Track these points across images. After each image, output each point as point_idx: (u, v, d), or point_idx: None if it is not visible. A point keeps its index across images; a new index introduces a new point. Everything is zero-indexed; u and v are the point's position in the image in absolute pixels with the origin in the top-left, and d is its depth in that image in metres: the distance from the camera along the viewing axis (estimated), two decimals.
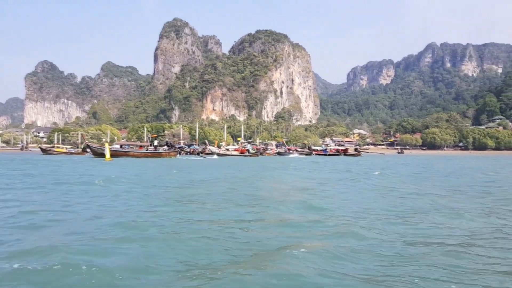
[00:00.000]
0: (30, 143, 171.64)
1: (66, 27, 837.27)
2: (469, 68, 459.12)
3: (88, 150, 73.51)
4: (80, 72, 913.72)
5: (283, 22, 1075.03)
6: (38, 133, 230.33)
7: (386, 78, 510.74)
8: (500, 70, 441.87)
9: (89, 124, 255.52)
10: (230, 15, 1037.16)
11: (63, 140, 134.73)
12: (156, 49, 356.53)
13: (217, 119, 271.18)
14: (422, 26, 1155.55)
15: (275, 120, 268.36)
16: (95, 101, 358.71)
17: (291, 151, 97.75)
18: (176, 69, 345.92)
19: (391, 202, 11.79)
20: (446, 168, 35.40)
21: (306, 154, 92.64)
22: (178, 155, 60.72)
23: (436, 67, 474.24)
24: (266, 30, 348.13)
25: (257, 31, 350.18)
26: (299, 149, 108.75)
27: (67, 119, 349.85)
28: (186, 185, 16.65)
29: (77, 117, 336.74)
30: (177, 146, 66.27)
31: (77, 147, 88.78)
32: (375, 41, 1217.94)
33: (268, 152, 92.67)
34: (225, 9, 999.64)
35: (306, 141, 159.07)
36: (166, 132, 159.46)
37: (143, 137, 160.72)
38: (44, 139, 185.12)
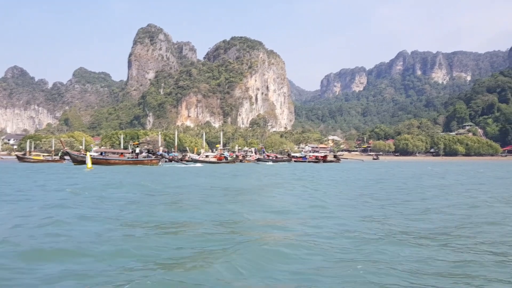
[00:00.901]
0: (0, 150, 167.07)
1: (36, 32, 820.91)
2: (439, 75, 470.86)
3: (66, 157, 72.13)
4: (52, 78, 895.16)
5: (258, 29, 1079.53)
6: (8, 140, 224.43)
7: (358, 85, 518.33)
8: (468, 78, 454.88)
9: (61, 131, 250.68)
10: (205, 22, 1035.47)
11: (34, 148, 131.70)
12: (130, 55, 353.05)
13: (192, 125, 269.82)
14: (392, 35, 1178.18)
15: (251, 127, 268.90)
16: (67, 108, 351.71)
17: (271, 157, 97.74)
18: (151, 75, 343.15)
19: None
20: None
21: (286, 161, 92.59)
22: (160, 163, 60.11)
23: (407, 75, 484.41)
24: (241, 37, 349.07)
25: (232, 38, 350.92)
26: (278, 156, 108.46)
27: (37, 126, 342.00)
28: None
29: (48, 124, 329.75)
30: (157, 154, 65.65)
31: (55, 155, 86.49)
32: (347, 48, 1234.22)
33: (248, 159, 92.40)
34: (199, 15, 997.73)
35: (286, 148, 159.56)
36: (140, 139, 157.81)
37: (117, 144, 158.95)
38: (15, 147, 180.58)
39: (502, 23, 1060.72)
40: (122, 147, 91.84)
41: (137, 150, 58.88)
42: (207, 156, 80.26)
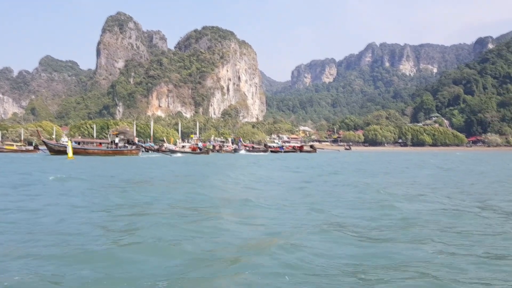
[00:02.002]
0: None
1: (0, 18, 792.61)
2: (407, 67, 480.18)
3: (39, 148, 70.60)
4: (17, 66, 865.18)
5: (229, 19, 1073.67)
6: None
7: (328, 76, 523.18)
8: (435, 70, 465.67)
9: (27, 121, 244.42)
10: (176, 11, 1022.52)
11: (1, 137, 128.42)
12: (99, 43, 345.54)
13: (163, 115, 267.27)
14: (361, 27, 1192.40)
15: (222, 117, 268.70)
16: (33, 97, 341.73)
17: (247, 148, 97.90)
18: (120, 64, 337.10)
19: None
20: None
21: (262, 151, 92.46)
22: (140, 153, 59.66)
23: (375, 66, 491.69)
24: (213, 27, 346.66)
25: (204, 28, 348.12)
26: (255, 146, 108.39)
27: (3, 116, 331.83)
28: None
29: (14, 113, 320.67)
30: (137, 144, 65.03)
31: (29, 144, 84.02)
32: (318, 40, 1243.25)
33: (224, 149, 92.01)
34: (170, 4, 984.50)
35: (262, 139, 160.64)
36: (111, 129, 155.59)
37: (86, 134, 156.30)
38: None
39: (468, 17, 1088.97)
40: (95, 137, 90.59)
41: (116, 140, 58.20)
42: (183, 147, 79.87)
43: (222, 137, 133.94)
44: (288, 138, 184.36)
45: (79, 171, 23.43)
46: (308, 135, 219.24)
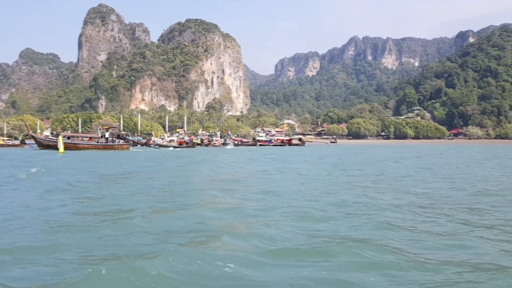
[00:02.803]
0: None
1: None
2: (389, 61, 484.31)
3: (26, 142, 69.77)
4: None
5: (213, 12, 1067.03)
6: None
7: (312, 70, 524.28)
8: (417, 63, 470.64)
9: (8, 114, 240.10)
10: (158, 3, 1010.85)
11: None
12: (80, 35, 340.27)
13: (146, 109, 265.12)
14: (344, 20, 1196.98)
15: (207, 111, 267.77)
16: (14, 90, 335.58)
17: (236, 142, 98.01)
18: (102, 57, 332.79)
19: None
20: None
21: (251, 145, 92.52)
22: (131, 147, 59.43)
23: (358, 60, 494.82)
24: (196, 19, 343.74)
25: (187, 20, 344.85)
26: (243, 140, 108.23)
27: None
28: None
29: None
30: (128, 138, 64.71)
31: (15, 139, 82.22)
32: (301, 33, 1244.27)
33: (213, 143, 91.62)
34: None
35: (250, 133, 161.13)
36: (93, 122, 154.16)
37: (69, 127, 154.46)
38: None
39: (449, 11, 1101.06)
40: (80, 131, 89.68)
41: (107, 135, 57.88)
42: (171, 141, 79.70)
43: (210, 131, 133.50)
44: (276, 131, 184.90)
45: (67, 166, 23.65)
46: (292, 128, 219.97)
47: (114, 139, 58.78)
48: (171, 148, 64.21)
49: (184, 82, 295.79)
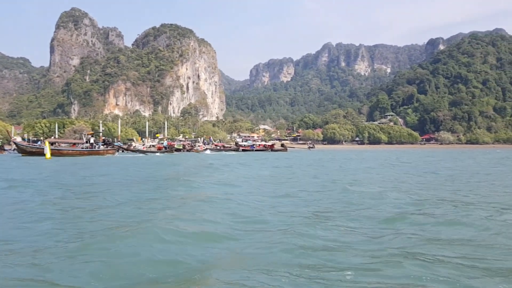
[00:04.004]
0: None
1: None
2: (362, 67, 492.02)
3: (6, 149, 68.18)
4: None
5: (188, 17, 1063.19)
6: None
7: (286, 75, 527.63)
8: (388, 70, 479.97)
9: None
10: (132, 7, 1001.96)
11: None
12: (52, 40, 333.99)
13: (121, 114, 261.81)
14: (318, 27, 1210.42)
15: (182, 116, 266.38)
16: None
17: (218, 147, 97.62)
18: (75, 61, 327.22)
19: None
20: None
21: (233, 150, 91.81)
22: (116, 153, 58.80)
23: (332, 66, 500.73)
24: (171, 24, 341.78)
25: (162, 25, 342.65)
26: (225, 145, 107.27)
27: None
28: None
29: None
30: (114, 144, 63.95)
31: None
32: (275, 39, 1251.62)
33: (196, 148, 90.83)
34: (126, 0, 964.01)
35: (227, 138, 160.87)
36: (67, 128, 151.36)
37: (40, 133, 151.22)
38: None
39: (419, 19, 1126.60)
40: (57, 136, 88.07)
41: (92, 140, 57.11)
42: (150, 146, 79.14)
43: (187, 136, 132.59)
44: (258, 137, 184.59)
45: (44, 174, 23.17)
46: (268, 133, 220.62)
47: (100, 144, 58.06)
48: (158, 154, 63.66)
49: (159, 87, 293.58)
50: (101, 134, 69.38)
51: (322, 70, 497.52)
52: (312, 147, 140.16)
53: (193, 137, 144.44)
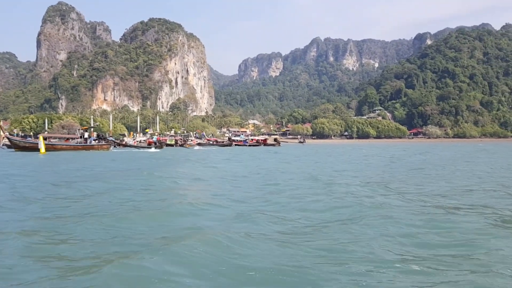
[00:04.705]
0: None
1: None
2: (350, 62, 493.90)
3: None
4: None
5: (176, 11, 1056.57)
6: None
7: (275, 70, 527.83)
8: (376, 65, 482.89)
9: None
10: (120, 1, 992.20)
11: None
12: (39, 34, 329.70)
13: (109, 109, 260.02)
14: (307, 22, 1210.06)
15: (171, 111, 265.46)
16: None
17: (211, 142, 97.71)
18: (62, 56, 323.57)
19: None
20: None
21: (226, 145, 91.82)
22: (111, 148, 58.62)
23: (320, 61, 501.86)
24: (160, 19, 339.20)
25: (150, 19, 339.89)
26: (218, 140, 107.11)
27: None
28: None
29: None
30: (108, 139, 63.65)
31: None
32: (264, 34, 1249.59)
33: (189, 143, 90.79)
34: None
35: (217, 133, 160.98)
36: (54, 123, 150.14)
37: (27, 129, 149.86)
38: None
39: (407, 14, 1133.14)
40: (47, 131, 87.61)
41: (86, 135, 56.89)
42: (140, 141, 78.93)
43: (178, 132, 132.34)
44: (251, 131, 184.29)
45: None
46: (257, 128, 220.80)
47: (92, 139, 57.74)
48: (152, 149, 63.24)
49: (147, 82, 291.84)
50: (92, 129, 68.85)
51: (310, 65, 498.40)
52: (302, 142, 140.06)
53: (184, 132, 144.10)
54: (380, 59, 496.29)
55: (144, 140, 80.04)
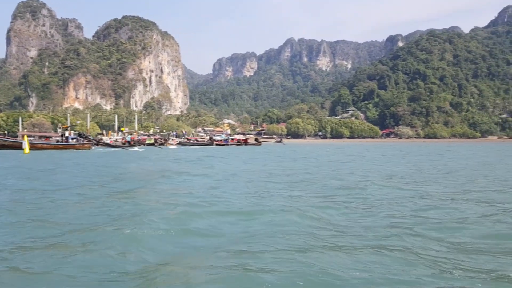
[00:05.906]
0: None
1: None
2: (323, 63, 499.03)
3: None
4: None
5: (150, 9, 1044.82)
6: None
7: (249, 70, 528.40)
8: (349, 66, 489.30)
9: None
10: None
11: None
12: (9, 30, 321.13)
13: (81, 108, 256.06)
14: (281, 22, 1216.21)
15: (145, 110, 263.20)
16: None
17: (191, 141, 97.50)
18: (33, 53, 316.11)
19: None
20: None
21: (208, 145, 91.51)
22: (93, 147, 58.08)
23: (294, 61, 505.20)
24: (134, 16, 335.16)
25: (124, 17, 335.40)
26: (199, 139, 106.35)
27: None
28: None
29: None
30: (90, 138, 63.01)
31: None
32: (238, 33, 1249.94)
33: (169, 142, 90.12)
34: None
35: (192, 132, 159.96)
36: (25, 122, 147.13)
37: None
38: None
39: (379, 16, 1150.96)
40: (20, 130, 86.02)
41: (66, 134, 56.27)
42: (116, 140, 78.34)
43: (152, 131, 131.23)
44: (212, 131, 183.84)
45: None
46: (232, 128, 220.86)
47: (70, 138, 57.04)
48: (136, 148, 62.83)
49: (121, 80, 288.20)
50: (70, 128, 67.95)
51: (284, 65, 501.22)
52: (280, 141, 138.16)
53: (158, 131, 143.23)
54: (353, 60, 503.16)
55: (119, 139, 79.33)
